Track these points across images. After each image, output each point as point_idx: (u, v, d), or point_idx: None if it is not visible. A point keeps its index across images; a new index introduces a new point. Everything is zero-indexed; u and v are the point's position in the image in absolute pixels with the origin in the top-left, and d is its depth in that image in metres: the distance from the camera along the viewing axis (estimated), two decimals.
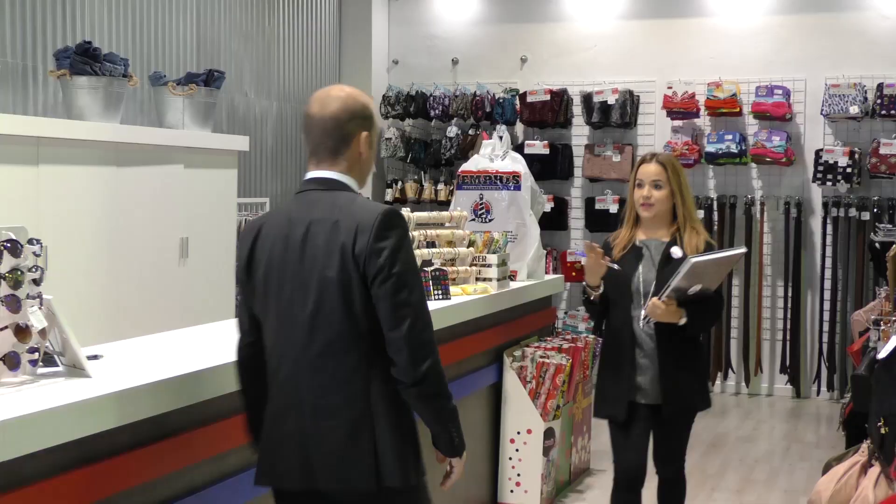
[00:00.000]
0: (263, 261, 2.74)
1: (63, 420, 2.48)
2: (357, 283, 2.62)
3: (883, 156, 7.86)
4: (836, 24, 8.32)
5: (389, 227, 2.62)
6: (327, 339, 2.64)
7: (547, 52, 9.09)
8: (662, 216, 4.06)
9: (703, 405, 4.18)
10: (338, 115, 2.74)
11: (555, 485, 5.50)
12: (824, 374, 8.28)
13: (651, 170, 4.04)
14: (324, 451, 2.65)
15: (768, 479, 6.14)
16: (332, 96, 2.77)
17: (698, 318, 3.98)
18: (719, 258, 3.93)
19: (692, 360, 4.09)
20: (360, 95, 2.81)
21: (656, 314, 3.89)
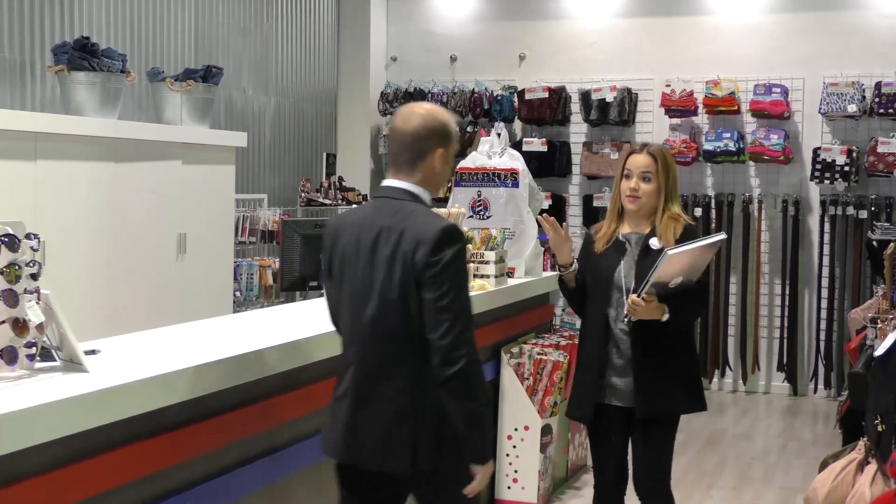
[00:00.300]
0: (339, 257, 3.03)
1: (60, 415, 2.48)
2: (413, 289, 2.86)
3: (881, 154, 7.86)
4: (835, 22, 8.33)
5: (446, 243, 2.85)
6: (385, 335, 2.90)
7: (545, 50, 9.09)
8: (649, 210, 3.81)
9: (690, 407, 3.89)
10: (417, 131, 2.98)
11: (552, 481, 5.51)
12: (821, 371, 8.29)
13: (641, 161, 3.78)
14: (369, 432, 2.90)
15: (765, 477, 6.14)
16: (414, 112, 3.02)
17: (682, 312, 3.72)
18: (697, 247, 3.64)
19: (676, 359, 3.80)
20: (440, 114, 3.04)
21: (637, 312, 3.65)
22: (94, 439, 2.60)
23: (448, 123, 3.03)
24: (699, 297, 3.83)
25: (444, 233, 2.86)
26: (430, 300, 2.82)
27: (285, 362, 3.39)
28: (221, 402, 3.08)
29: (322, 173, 9.04)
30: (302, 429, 3.52)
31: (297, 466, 3.47)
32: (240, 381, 3.15)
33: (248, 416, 3.21)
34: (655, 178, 3.77)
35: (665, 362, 3.76)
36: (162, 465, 2.85)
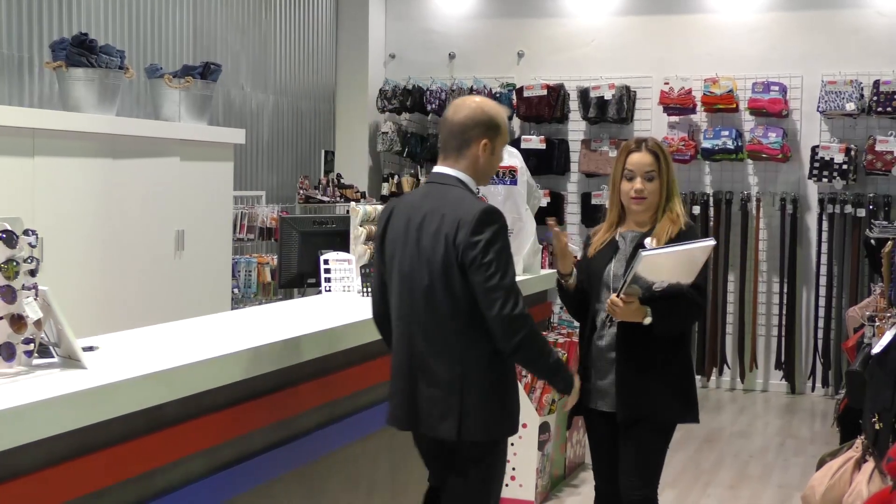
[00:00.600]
0: (390, 237, 3.29)
1: (58, 411, 2.48)
2: (456, 268, 3.11)
3: (879, 153, 7.87)
4: (833, 21, 8.33)
5: (485, 224, 3.08)
6: (433, 311, 3.16)
7: (544, 48, 9.08)
8: (654, 208, 3.67)
9: (676, 415, 3.67)
10: (464, 122, 3.22)
11: (549, 479, 5.51)
12: (819, 370, 8.29)
13: (643, 160, 3.63)
14: (424, 402, 3.20)
15: (762, 475, 6.15)
16: (465, 104, 3.27)
17: (666, 318, 3.52)
18: (678, 251, 3.48)
19: (665, 365, 3.61)
20: (488, 107, 3.27)
21: (615, 312, 3.52)
22: (91, 436, 2.60)
23: (494, 116, 3.25)
24: (691, 304, 3.58)
25: (483, 214, 3.09)
26: (479, 282, 3.07)
27: (284, 359, 3.39)
28: (219, 398, 3.08)
29: (320, 170, 9.04)
30: (299, 426, 3.52)
31: (293, 464, 3.47)
32: (238, 378, 3.15)
33: (246, 413, 3.21)
34: (659, 175, 3.64)
35: (651, 366, 3.58)
36: (160, 462, 2.85)
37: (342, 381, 3.77)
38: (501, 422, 3.22)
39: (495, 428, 3.22)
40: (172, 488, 2.90)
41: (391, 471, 4.20)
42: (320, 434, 3.62)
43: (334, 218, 5.66)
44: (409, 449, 4.25)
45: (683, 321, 3.65)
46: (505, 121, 3.32)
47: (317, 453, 3.61)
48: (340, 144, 9.43)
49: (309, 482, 3.60)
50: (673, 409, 3.64)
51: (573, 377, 3.40)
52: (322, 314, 4.16)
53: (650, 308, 3.51)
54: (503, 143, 3.32)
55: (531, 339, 3.13)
